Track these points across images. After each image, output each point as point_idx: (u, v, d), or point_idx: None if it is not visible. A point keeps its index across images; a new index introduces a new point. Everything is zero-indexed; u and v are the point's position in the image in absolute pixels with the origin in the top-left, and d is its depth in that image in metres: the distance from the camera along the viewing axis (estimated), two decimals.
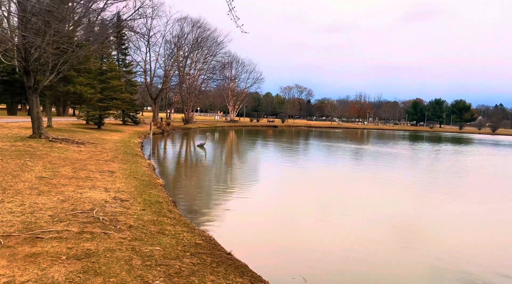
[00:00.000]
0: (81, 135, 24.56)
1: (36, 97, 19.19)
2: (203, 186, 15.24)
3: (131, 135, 31.03)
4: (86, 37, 21.78)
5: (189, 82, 69.93)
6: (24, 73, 18.68)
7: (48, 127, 27.12)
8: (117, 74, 33.72)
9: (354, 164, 26.04)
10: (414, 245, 8.93)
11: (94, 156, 15.38)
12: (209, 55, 69.60)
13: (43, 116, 22.60)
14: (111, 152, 17.74)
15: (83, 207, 7.40)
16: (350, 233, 9.40)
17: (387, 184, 17.62)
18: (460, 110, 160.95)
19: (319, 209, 12.03)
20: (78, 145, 18.82)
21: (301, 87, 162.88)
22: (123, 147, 20.72)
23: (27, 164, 11.75)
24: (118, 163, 14.22)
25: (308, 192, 15.07)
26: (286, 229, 9.47)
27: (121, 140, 24.53)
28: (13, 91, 46.28)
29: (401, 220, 11.34)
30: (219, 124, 78.29)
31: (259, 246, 8.09)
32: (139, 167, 14.16)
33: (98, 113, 32.07)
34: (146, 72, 55.72)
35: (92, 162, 13.57)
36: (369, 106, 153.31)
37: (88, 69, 28.13)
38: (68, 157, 14.25)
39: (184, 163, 22.48)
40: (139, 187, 10.30)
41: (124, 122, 43.35)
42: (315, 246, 8.33)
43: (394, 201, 14.12)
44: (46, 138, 18.96)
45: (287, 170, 21.57)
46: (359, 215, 11.33)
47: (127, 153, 18.11)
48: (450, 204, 13.78)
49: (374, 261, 7.64)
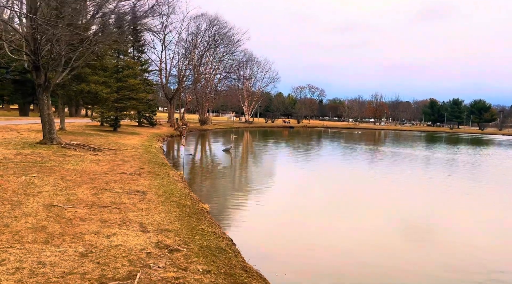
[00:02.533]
0: (97, 140, 21.97)
1: (47, 97, 16.60)
2: (251, 208, 12.40)
3: (150, 138, 28.40)
4: (101, 30, 19.12)
5: (205, 81, 67.34)
6: (33, 69, 16.10)
7: (60, 130, 24.63)
8: (134, 72, 31.13)
9: (433, 175, 21.86)
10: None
11: (116, 167, 12.66)
12: (226, 53, 66.97)
13: (55, 118, 20.13)
14: (134, 161, 15.01)
15: (115, 272, 4.59)
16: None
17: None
18: (480, 111, 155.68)
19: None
20: (95, 152, 16.17)
21: (313, 87, 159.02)
22: (146, 154, 18.01)
23: (33, 182, 9.05)
24: (146, 177, 11.47)
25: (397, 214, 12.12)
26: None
27: (141, 145, 21.86)
28: (25, 91, 44.26)
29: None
30: (235, 125, 75.56)
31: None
32: (172, 182, 11.38)
33: (114, 114, 29.49)
34: (161, 71, 53.23)
35: (115, 177, 10.83)
36: (385, 107, 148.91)
37: (104, 66, 25.59)
38: (85, 170, 11.54)
39: (218, 174, 19.64)
40: (184, 218, 7.48)
41: (140, 124, 40.81)
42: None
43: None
44: (58, 145, 16.35)
45: (353, 184, 18.54)
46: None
47: (152, 162, 15.38)
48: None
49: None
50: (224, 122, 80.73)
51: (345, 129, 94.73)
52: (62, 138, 18.76)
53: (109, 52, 24.82)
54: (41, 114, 16.62)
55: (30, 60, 15.86)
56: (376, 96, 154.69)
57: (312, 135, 63.17)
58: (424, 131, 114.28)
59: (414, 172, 23.03)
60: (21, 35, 16.25)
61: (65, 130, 24.48)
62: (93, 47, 17.54)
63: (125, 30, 26.74)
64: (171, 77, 55.40)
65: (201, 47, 60.00)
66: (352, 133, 77.40)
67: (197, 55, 59.51)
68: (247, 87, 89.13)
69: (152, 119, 41.36)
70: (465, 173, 24.00)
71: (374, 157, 31.64)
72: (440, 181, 19.62)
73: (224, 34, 61.81)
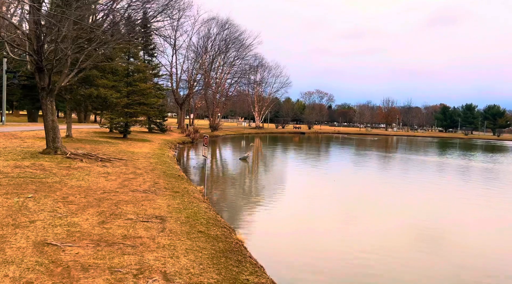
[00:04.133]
0: (106, 148, 20.33)
1: (52, 102, 14.97)
2: (284, 231, 10.51)
3: (162, 146, 26.72)
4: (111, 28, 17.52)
5: (216, 86, 65.82)
6: (36, 71, 14.50)
7: (67, 137, 23.07)
8: (145, 75, 29.55)
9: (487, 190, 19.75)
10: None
11: (127, 183, 10.90)
12: (237, 58, 65.46)
13: (62, 124, 18.58)
14: (148, 173, 13.25)
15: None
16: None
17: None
18: (494, 116, 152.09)
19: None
20: (104, 163, 14.46)
21: (321, 93, 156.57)
22: (159, 164, 16.25)
23: (27, 206, 7.30)
24: (164, 196, 9.67)
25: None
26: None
27: (153, 154, 20.14)
28: (34, 96, 43.09)
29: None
30: (246, 131, 73.80)
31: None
32: (193, 202, 9.56)
33: (124, 120, 27.89)
34: (172, 76, 51.77)
35: (127, 196, 9.04)
36: (397, 112, 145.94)
37: (114, 69, 24.04)
38: (91, 186, 9.79)
39: (238, 186, 17.78)
40: (219, 260, 5.63)
41: (150, 130, 39.24)
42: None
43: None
44: (62, 154, 14.68)
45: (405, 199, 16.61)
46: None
47: (167, 175, 13.60)
48: None
49: None
50: (234, 128, 79.05)
51: (358, 135, 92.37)
52: (68, 147, 17.12)
53: (119, 54, 23.28)
54: (44, 121, 14.97)
55: (33, 60, 14.27)
56: (388, 102, 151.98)
57: (328, 142, 61.02)
58: (437, 137, 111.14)
59: (476, 185, 20.81)
60: (23, 33, 14.70)
61: (72, 138, 22.91)
62: (102, 46, 15.93)
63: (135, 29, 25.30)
64: (181, 82, 53.94)
65: (212, 51, 58.57)
66: (366, 139, 74.98)
67: (208, 59, 58.06)
68: (257, 92, 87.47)
69: (163, 125, 39.76)
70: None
71: (422, 167, 29.46)
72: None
73: (235, 38, 60.34)
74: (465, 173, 26.67)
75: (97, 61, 17.44)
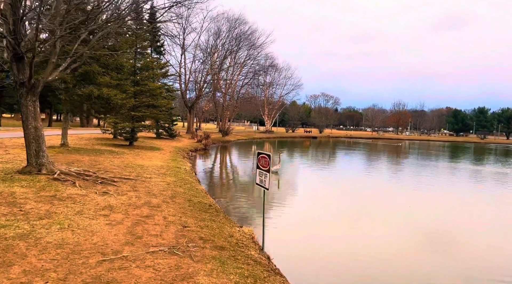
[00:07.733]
0: (108, 160, 16.30)
1: (34, 102, 10.94)
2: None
3: (174, 155, 22.68)
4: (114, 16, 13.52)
5: (226, 88, 61.86)
6: (13, 59, 10.51)
7: (62, 146, 19.06)
8: (154, 72, 25.54)
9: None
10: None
11: (140, 229, 6.85)
12: (248, 58, 61.48)
13: (58, 129, 14.68)
14: (167, 204, 9.17)
15: None
16: None
17: None
18: (508, 120, 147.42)
19: None
20: (105, 186, 10.40)
21: (327, 96, 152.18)
22: (179, 185, 12.16)
23: None
24: (205, 261, 5.60)
25: None
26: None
27: (168, 168, 16.08)
28: None
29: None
30: (257, 136, 69.64)
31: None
32: (259, 274, 5.49)
33: (130, 125, 23.88)
34: (180, 77, 47.79)
35: (144, 270, 4.98)
36: (409, 115, 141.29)
37: (119, 64, 20.06)
38: (81, 244, 5.74)
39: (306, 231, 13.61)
40: None
41: (158, 136, 35.24)
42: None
43: None
44: (49, 174, 10.64)
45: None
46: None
47: (195, 205, 9.53)
48: None
49: None
50: (244, 132, 74.89)
51: (371, 140, 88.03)
52: (59, 161, 13.07)
53: (125, 46, 19.35)
54: (24, 128, 10.93)
55: (9, 44, 10.29)
56: (399, 105, 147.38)
57: (353, 148, 56.57)
58: (450, 141, 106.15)
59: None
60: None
61: (68, 147, 18.92)
62: (104, 29, 11.93)
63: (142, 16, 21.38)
64: (189, 83, 49.91)
65: (222, 50, 54.60)
66: (390, 145, 70.00)
67: (218, 59, 54.08)
68: (267, 95, 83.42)
69: (172, 130, 35.75)
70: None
71: (475, 179, 25.24)
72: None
73: (247, 36, 56.37)
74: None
75: (96, 50, 13.45)
